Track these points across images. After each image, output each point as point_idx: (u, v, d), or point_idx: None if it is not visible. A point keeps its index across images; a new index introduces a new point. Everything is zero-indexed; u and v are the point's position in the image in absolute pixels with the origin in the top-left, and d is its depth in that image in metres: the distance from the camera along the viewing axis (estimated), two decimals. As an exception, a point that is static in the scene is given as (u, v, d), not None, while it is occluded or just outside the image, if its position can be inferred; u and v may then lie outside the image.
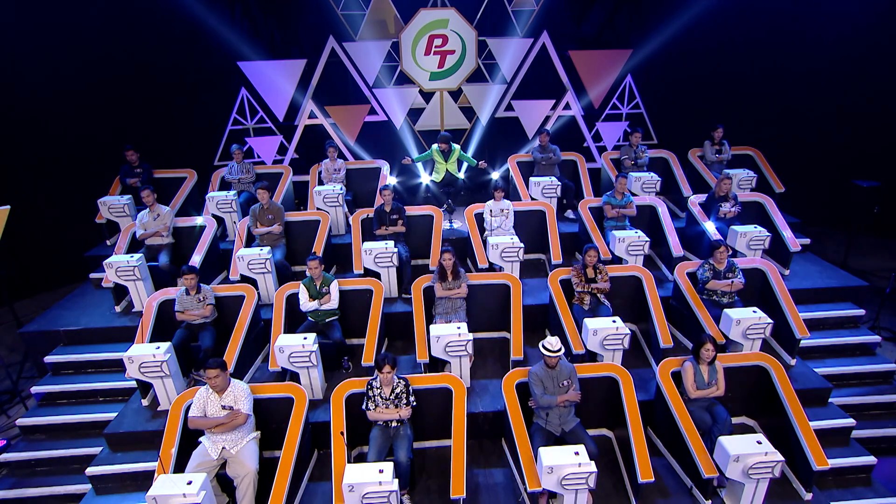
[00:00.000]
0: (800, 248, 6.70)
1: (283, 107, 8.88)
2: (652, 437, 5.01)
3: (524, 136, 9.21)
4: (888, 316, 7.13)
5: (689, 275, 5.92)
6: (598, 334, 5.07)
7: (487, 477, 4.67)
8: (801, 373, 5.49)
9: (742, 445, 4.05)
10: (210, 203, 7.45)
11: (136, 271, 6.09)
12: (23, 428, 5.54)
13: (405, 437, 4.39)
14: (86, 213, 7.74)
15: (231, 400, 4.30)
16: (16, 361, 6.92)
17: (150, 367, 4.93)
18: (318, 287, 5.52)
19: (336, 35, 8.57)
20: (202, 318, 5.48)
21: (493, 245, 6.26)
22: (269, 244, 6.61)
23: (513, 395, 4.58)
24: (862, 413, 5.61)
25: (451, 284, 5.61)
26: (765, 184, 8.23)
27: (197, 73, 8.81)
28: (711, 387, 4.62)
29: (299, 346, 4.94)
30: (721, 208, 6.77)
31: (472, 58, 8.69)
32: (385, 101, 8.90)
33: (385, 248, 6.17)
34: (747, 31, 9.18)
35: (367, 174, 8.33)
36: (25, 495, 5.11)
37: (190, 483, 3.78)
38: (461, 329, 5.06)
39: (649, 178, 7.69)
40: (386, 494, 3.77)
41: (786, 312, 5.59)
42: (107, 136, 8.37)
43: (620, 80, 9.16)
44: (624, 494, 4.42)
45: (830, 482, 4.78)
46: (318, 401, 5.19)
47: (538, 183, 7.56)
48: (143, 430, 4.96)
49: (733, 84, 9.42)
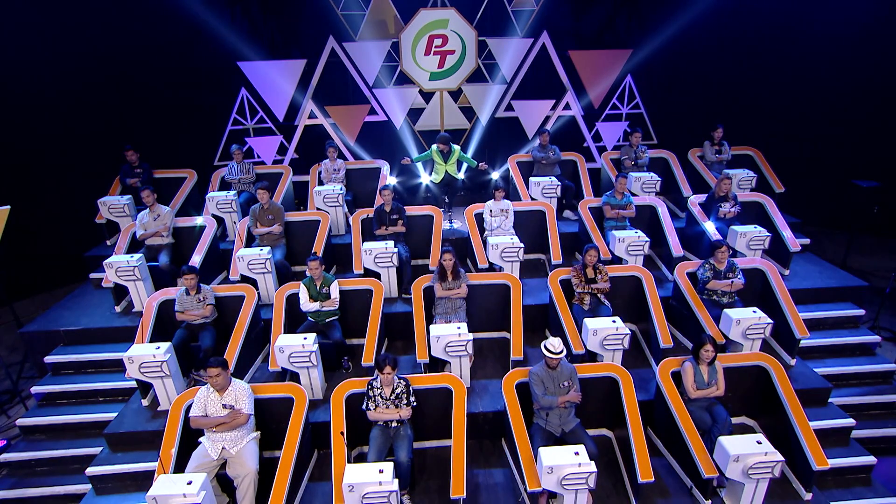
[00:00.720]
0: (799, 248, 6.70)
1: (283, 107, 8.88)
2: (652, 438, 5.01)
3: (524, 136, 9.22)
4: (888, 316, 7.13)
5: (688, 275, 5.92)
6: (598, 334, 5.08)
7: (487, 477, 4.67)
8: (801, 373, 5.50)
9: (742, 445, 4.05)
10: (210, 203, 7.45)
11: (136, 271, 6.09)
12: (23, 428, 5.54)
13: (405, 437, 4.39)
14: (86, 213, 7.74)
15: (232, 399, 4.30)
16: (16, 361, 6.92)
17: (150, 368, 4.93)
18: (318, 287, 5.52)
19: (336, 35, 8.57)
20: (202, 319, 5.48)
21: (493, 245, 6.26)
22: (269, 244, 6.61)
23: (513, 396, 4.58)
24: (862, 413, 5.61)
25: (450, 284, 5.61)
26: (765, 184, 8.22)
27: (197, 73, 8.81)
28: (711, 387, 4.63)
29: (299, 346, 4.94)
30: (721, 208, 6.77)
31: (472, 58, 8.69)
32: (385, 101, 8.90)
33: (385, 248, 6.17)
34: (747, 31, 9.19)
35: (367, 174, 8.33)
36: (25, 495, 5.11)
37: (190, 483, 3.78)
38: (461, 329, 5.07)
39: (649, 179, 7.69)
40: (386, 494, 3.77)
41: (786, 312, 5.59)
42: (107, 136, 8.38)
43: (620, 80, 9.17)
44: (624, 494, 4.42)
45: (830, 482, 4.78)
46: (318, 401, 5.19)
47: (538, 183, 7.57)
48: (144, 431, 4.96)
49: (733, 84, 9.43)
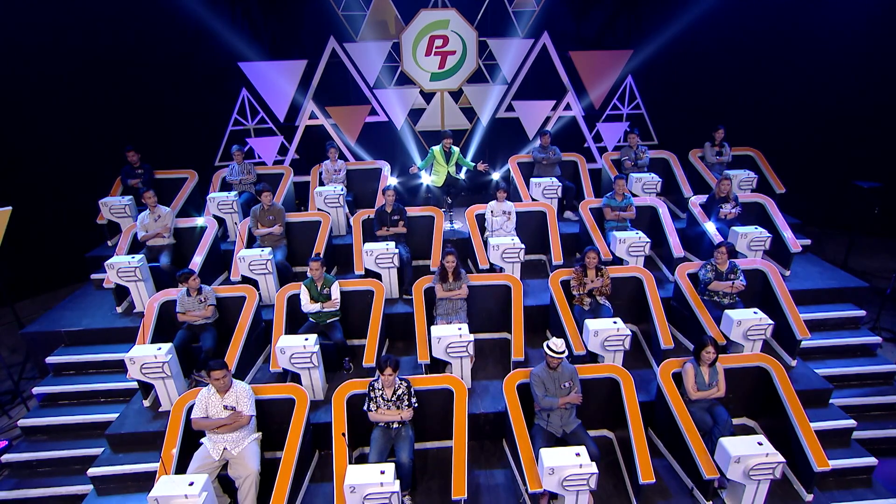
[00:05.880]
0: (800, 249, 6.69)
1: (284, 107, 8.87)
2: (653, 438, 5.01)
3: (525, 136, 9.21)
4: (889, 317, 7.13)
5: (689, 276, 5.92)
6: (598, 335, 5.08)
7: (488, 478, 4.67)
8: (802, 374, 5.50)
9: (743, 446, 4.06)
10: (211, 204, 7.45)
11: (137, 272, 6.10)
12: (24, 429, 5.54)
13: (406, 438, 4.39)
14: (87, 213, 7.76)
15: (233, 400, 4.30)
16: (17, 362, 6.92)
17: (151, 368, 4.94)
18: (319, 288, 5.52)
19: (337, 36, 8.57)
20: (203, 319, 5.48)
21: (493, 246, 6.26)
22: (270, 245, 6.61)
23: (514, 396, 4.58)
24: (863, 414, 5.61)
25: (451, 286, 5.61)
26: (765, 184, 8.22)
27: (198, 74, 8.82)
28: (712, 388, 4.62)
29: (300, 346, 4.94)
30: (721, 209, 6.77)
31: (473, 58, 8.69)
32: (386, 101, 8.90)
33: (386, 248, 6.17)
34: (748, 32, 9.18)
35: (368, 175, 8.33)
36: (27, 496, 5.11)
37: (191, 484, 3.79)
38: (462, 330, 5.07)
39: (650, 179, 7.69)
40: (387, 495, 3.78)
41: (786, 313, 5.59)
42: (108, 136, 8.38)
43: (621, 81, 9.16)
44: (625, 495, 4.42)
45: (831, 483, 4.77)
46: (319, 402, 5.19)
47: (539, 184, 7.57)
48: (145, 431, 4.96)
49: (734, 84, 9.42)
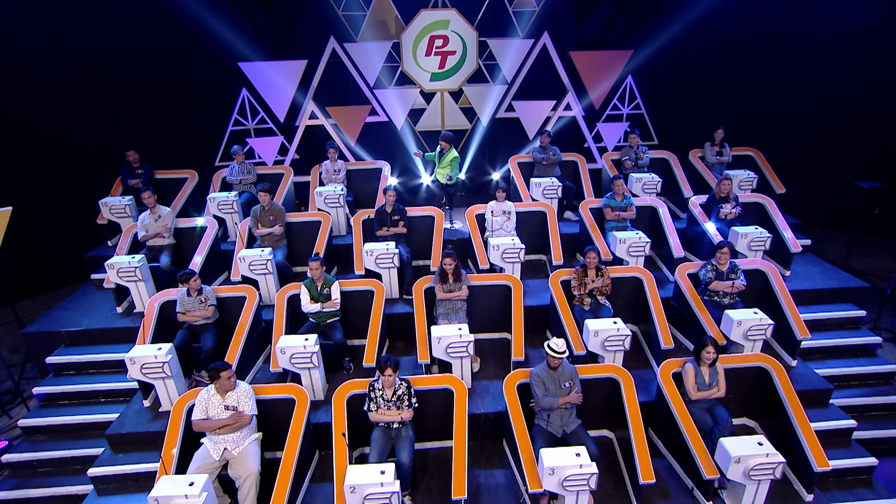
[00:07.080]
0: (800, 249, 6.69)
1: (284, 107, 8.87)
2: (653, 439, 5.01)
3: (525, 136, 9.21)
4: (889, 317, 7.13)
5: (690, 276, 5.92)
6: (599, 335, 5.08)
7: (489, 478, 4.67)
8: (802, 374, 5.50)
9: (743, 447, 4.06)
10: (211, 204, 7.45)
11: (137, 272, 6.10)
12: (24, 429, 5.54)
13: (407, 438, 4.39)
14: (87, 213, 7.75)
15: (234, 401, 4.30)
16: (17, 362, 6.92)
17: (151, 368, 4.94)
18: (319, 288, 5.52)
19: (337, 36, 8.57)
20: (204, 319, 5.48)
21: (494, 246, 6.26)
22: (270, 245, 6.61)
23: (514, 397, 4.58)
24: (863, 414, 5.61)
25: (451, 286, 5.61)
26: (765, 185, 8.22)
27: (198, 74, 8.81)
28: (712, 388, 4.62)
29: (300, 347, 4.94)
30: (722, 209, 6.77)
31: (473, 58, 8.69)
32: (386, 101, 8.90)
33: (386, 249, 6.17)
34: (748, 32, 9.18)
35: (368, 175, 8.33)
36: (27, 496, 5.11)
37: (192, 484, 3.79)
38: (462, 330, 5.07)
39: (650, 179, 7.69)
40: (387, 495, 3.78)
41: (787, 313, 5.59)
42: (108, 136, 8.38)
43: (621, 81, 9.16)
44: (625, 495, 4.42)
45: (831, 483, 4.77)
46: (319, 402, 5.19)
47: (539, 184, 7.57)
48: (145, 431, 4.96)
49: (734, 85, 9.42)
